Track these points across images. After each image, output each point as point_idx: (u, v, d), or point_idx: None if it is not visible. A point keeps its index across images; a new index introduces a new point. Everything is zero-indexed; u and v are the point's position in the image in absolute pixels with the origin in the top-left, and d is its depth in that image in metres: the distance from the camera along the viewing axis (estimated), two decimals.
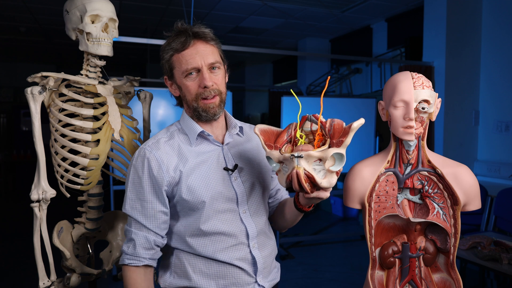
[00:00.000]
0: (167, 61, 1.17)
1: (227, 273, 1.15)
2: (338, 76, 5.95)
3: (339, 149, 0.93)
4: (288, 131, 1.05)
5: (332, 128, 0.99)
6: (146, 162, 1.12)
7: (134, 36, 3.11)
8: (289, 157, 0.93)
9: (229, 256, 1.15)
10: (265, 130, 1.06)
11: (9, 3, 4.43)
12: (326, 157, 0.92)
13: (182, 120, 1.23)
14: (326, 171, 0.94)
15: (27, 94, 1.47)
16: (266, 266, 1.21)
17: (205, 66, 1.13)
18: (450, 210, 1.17)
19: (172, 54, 1.15)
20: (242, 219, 1.18)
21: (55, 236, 1.59)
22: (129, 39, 2.86)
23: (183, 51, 1.13)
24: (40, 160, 1.52)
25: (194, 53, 1.13)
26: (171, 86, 1.21)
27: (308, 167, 0.92)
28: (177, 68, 1.15)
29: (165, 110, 3.77)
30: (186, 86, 1.15)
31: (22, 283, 3.29)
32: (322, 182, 0.94)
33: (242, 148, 1.25)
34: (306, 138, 1.04)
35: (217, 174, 1.16)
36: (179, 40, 1.13)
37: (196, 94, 1.15)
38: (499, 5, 3.78)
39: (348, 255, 4.15)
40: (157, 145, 1.15)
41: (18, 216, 5.60)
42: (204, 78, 1.12)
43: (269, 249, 1.24)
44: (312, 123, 1.03)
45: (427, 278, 1.21)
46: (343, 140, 0.94)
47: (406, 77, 1.14)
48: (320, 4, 4.50)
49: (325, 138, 1.00)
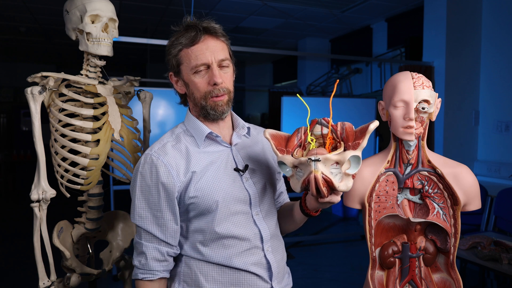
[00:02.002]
0: (174, 56, 1.11)
1: (242, 280, 1.10)
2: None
3: (356, 152, 0.92)
4: (297, 135, 1.03)
5: (344, 132, 0.98)
6: (154, 169, 1.06)
7: (134, 36, 3.11)
8: (305, 161, 0.91)
9: (243, 261, 1.09)
10: (275, 134, 1.05)
11: (9, 3, 4.43)
12: (344, 160, 0.91)
13: (187, 121, 1.17)
14: (343, 175, 0.93)
15: (27, 94, 1.47)
16: (279, 270, 1.17)
17: (215, 63, 1.08)
18: (450, 210, 1.17)
19: (181, 49, 1.09)
20: (256, 222, 1.13)
21: (55, 236, 1.59)
22: (129, 39, 2.86)
23: (193, 46, 1.08)
24: (40, 160, 1.52)
25: (204, 48, 1.07)
26: (177, 83, 1.15)
27: (326, 171, 0.91)
28: (185, 64, 1.09)
29: (165, 110, 3.77)
30: (194, 83, 1.09)
31: (22, 283, 3.29)
32: (340, 186, 0.93)
33: (251, 149, 1.21)
34: (316, 142, 1.03)
35: (227, 175, 1.12)
36: (189, 34, 1.08)
37: (205, 91, 1.09)
38: (499, 5, 3.78)
39: (348, 255, 4.15)
40: (164, 149, 1.09)
41: (18, 216, 5.60)
42: (214, 74, 1.07)
43: (281, 253, 1.20)
44: (323, 126, 1.01)
45: (427, 278, 1.21)
46: (359, 142, 0.93)
47: (406, 77, 1.14)
48: (320, 4, 4.50)
49: (335, 141, 0.99)
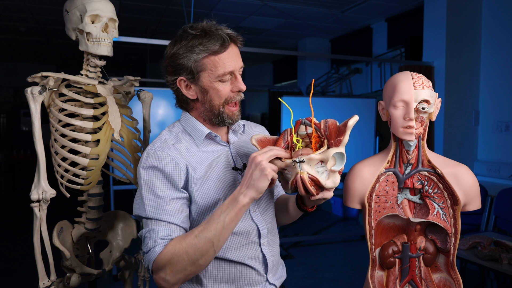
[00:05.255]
0: (195, 61, 1.07)
1: (238, 274, 1.13)
2: (338, 76, 5.95)
3: (338, 149, 0.94)
4: (284, 137, 1.04)
5: (327, 129, 0.99)
6: (159, 162, 1.07)
7: (134, 36, 3.11)
8: (291, 163, 0.94)
9: (240, 255, 1.13)
10: (261, 139, 1.06)
11: (9, 3, 4.43)
12: (327, 158, 0.93)
13: (184, 121, 1.18)
14: (329, 172, 0.95)
15: (27, 94, 1.47)
16: (274, 264, 1.22)
17: (238, 70, 1.11)
18: (450, 210, 1.17)
19: (207, 55, 1.06)
20: (253, 218, 1.16)
21: (55, 236, 1.59)
22: (129, 39, 2.86)
23: (221, 53, 1.07)
24: (40, 160, 1.52)
25: (232, 55, 1.08)
26: (187, 88, 1.12)
27: (311, 171, 0.93)
28: (210, 71, 1.07)
29: (165, 110, 3.77)
30: (217, 90, 1.09)
31: (22, 283, 3.29)
32: (327, 183, 0.95)
33: (247, 147, 1.24)
34: (303, 141, 1.04)
35: (227, 174, 1.15)
36: (215, 41, 1.06)
37: (225, 98, 1.10)
38: (499, 5, 3.78)
39: (348, 255, 4.15)
40: (167, 143, 1.11)
41: (18, 216, 5.60)
42: (239, 82, 1.10)
43: (276, 246, 1.25)
44: (307, 126, 1.03)
45: (427, 278, 1.21)
46: (341, 139, 0.95)
47: (406, 77, 1.14)
48: (320, 4, 4.50)
49: (321, 139, 1.01)
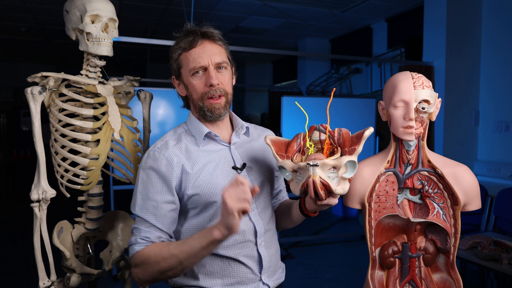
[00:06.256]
0: (175, 60, 1.19)
1: (231, 270, 1.15)
2: (338, 76, 5.95)
3: (351, 157, 0.97)
4: (297, 141, 1.08)
5: (341, 137, 1.03)
6: (156, 162, 1.13)
7: (134, 36, 3.11)
8: (304, 166, 0.96)
9: (234, 252, 1.14)
10: (275, 140, 1.11)
11: (9, 3, 4.43)
12: (340, 165, 0.96)
13: (188, 122, 1.24)
14: (340, 179, 0.98)
15: (27, 94, 1.47)
16: (271, 265, 1.21)
17: (212, 65, 1.15)
18: (450, 210, 1.17)
19: (180, 53, 1.17)
20: (250, 217, 1.18)
21: (55, 236, 1.59)
22: (129, 39, 2.86)
23: (191, 49, 1.15)
24: (40, 160, 1.52)
25: (201, 52, 1.14)
26: (179, 86, 1.23)
27: (323, 175, 0.96)
28: (185, 67, 1.17)
29: (165, 110, 3.77)
30: (192, 85, 1.16)
31: (22, 283, 3.29)
32: (337, 189, 0.98)
33: (249, 148, 1.26)
34: (315, 147, 1.07)
35: (225, 173, 1.17)
36: (187, 39, 1.15)
37: (202, 93, 1.16)
38: (499, 5, 3.77)
39: (348, 255, 4.15)
40: (166, 145, 1.16)
41: (18, 216, 5.60)
42: (210, 76, 1.14)
43: (274, 248, 1.25)
44: (321, 132, 1.06)
45: (427, 278, 1.21)
46: (355, 148, 0.99)
47: (406, 77, 1.14)
48: (320, 4, 4.50)
49: (333, 147, 1.04)
